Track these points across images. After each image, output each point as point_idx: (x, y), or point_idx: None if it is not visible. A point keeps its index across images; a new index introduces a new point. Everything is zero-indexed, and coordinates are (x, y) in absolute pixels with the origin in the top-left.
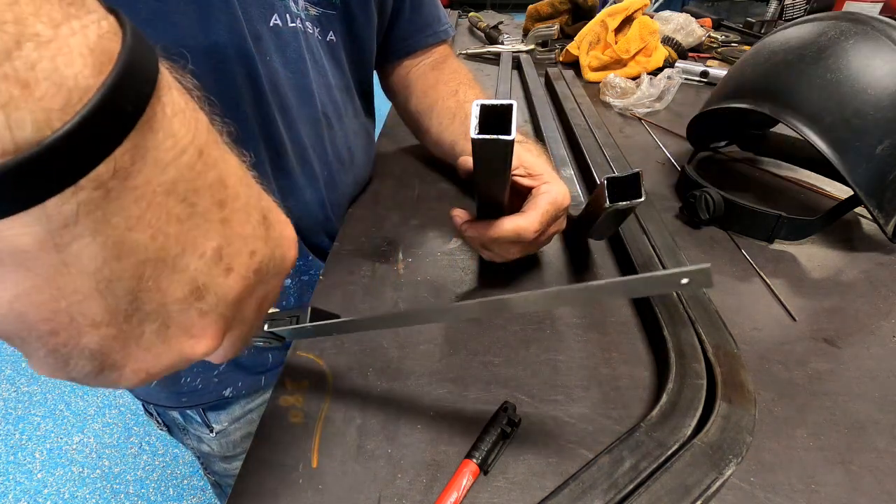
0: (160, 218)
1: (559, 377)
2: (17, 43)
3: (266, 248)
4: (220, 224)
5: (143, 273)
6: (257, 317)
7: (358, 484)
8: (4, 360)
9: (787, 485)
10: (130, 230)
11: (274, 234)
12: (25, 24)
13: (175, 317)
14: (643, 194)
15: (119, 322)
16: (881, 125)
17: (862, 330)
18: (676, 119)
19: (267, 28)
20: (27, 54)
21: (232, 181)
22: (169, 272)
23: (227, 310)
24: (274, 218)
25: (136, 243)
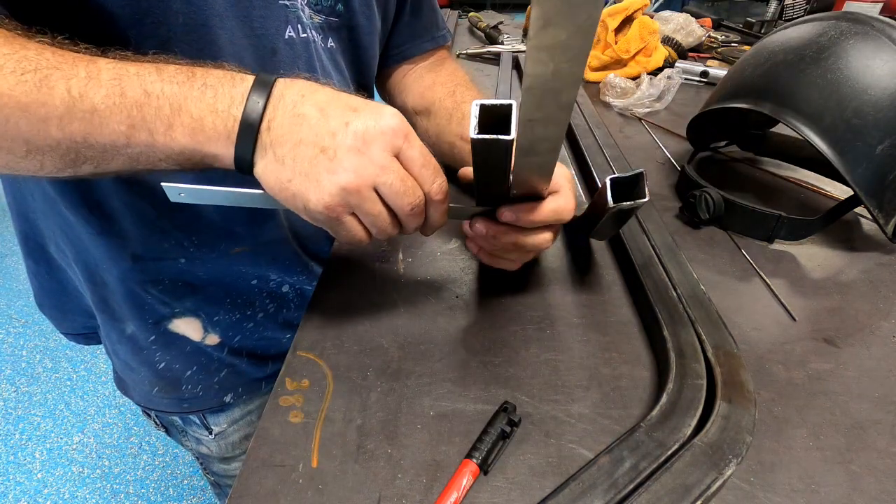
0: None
1: (559, 377)
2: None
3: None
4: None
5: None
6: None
7: (358, 484)
8: (4, 360)
9: (787, 485)
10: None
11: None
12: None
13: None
14: (647, 194)
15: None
16: (881, 125)
17: (862, 330)
18: (676, 119)
19: (283, 41)
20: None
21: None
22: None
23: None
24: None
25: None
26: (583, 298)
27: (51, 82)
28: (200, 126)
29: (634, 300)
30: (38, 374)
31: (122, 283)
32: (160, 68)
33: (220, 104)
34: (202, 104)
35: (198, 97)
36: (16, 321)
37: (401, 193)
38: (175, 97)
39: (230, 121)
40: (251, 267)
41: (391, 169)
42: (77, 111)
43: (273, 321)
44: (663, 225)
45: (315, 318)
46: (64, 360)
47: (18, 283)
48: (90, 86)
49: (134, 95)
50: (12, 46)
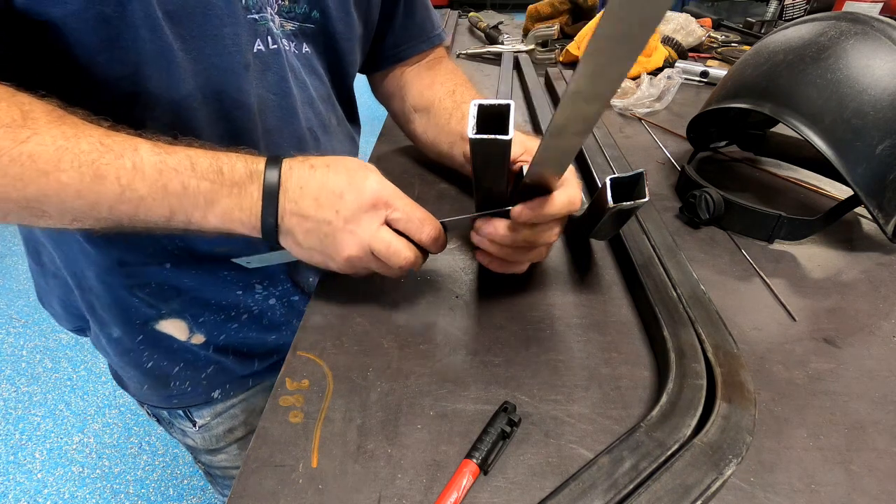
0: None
1: (559, 377)
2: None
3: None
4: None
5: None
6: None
7: (358, 484)
8: (4, 360)
9: (787, 485)
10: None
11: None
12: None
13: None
14: (647, 195)
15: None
16: (881, 125)
17: (862, 330)
18: (676, 119)
19: (252, 55)
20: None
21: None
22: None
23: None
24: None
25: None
26: (583, 298)
27: (102, 172)
28: (230, 218)
29: (634, 300)
30: (38, 374)
31: (107, 289)
32: (194, 163)
33: (244, 202)
34: (231, 201)
35: (227, 194)
36: (16, 321)
37: (388, 257)
38: (208, 193)
39: (253, 217)
40: (236, 276)
41: (378, 238)
42: (125, 199)
43: (257, 323)
44: (663, 225)
45: (315, 318)
46: (64, 360)
47: (18, 283)
48: (136, 177)
49: (174, 189)
50: (67, 138)
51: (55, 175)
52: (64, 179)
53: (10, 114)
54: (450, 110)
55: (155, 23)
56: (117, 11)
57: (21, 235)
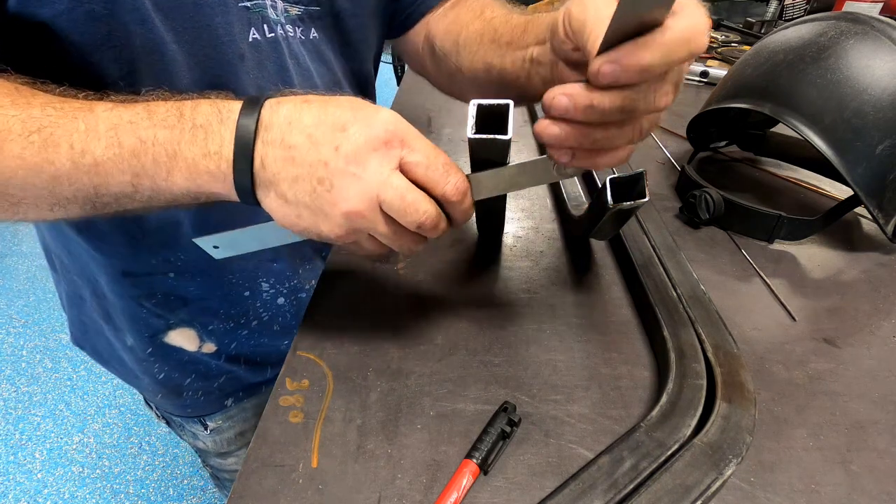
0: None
1: (559, 377)
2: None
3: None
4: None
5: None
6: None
7: (358, 484)
8: (4, 360)
9: (787, 485)
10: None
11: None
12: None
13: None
14: (647, 195)
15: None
16: (881, 125)
17: (862, 330)
18: (676, 119)
19: (247, 45)
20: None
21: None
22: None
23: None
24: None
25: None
26: (583, 298)
27: (55, 139)
28: (196, 170)
29: (634, 300)
30: (38, 374)
31: (118, 296)
32: (151, 111)
33: (211, 145)
34: (195, 147)
35: (189, 140)
36: (16, 321)
37: (403, 211)
38: (168, 142)
39: (223, 163)
40: (241, 276)
41: (389, 185)
42: (82, 166)
43: (268, 329)
44: (663, 225)
45: (315, 318)
46: (64, 360)
47: (18, 283)
48: (90, 139)
49: (130, 144)
50: (18, 106)
51: (6, 148)
52: (15, 151)
53: None
54: (480, 32)
55: (145, 16)
56: (107, 8)
57: (42, 243)
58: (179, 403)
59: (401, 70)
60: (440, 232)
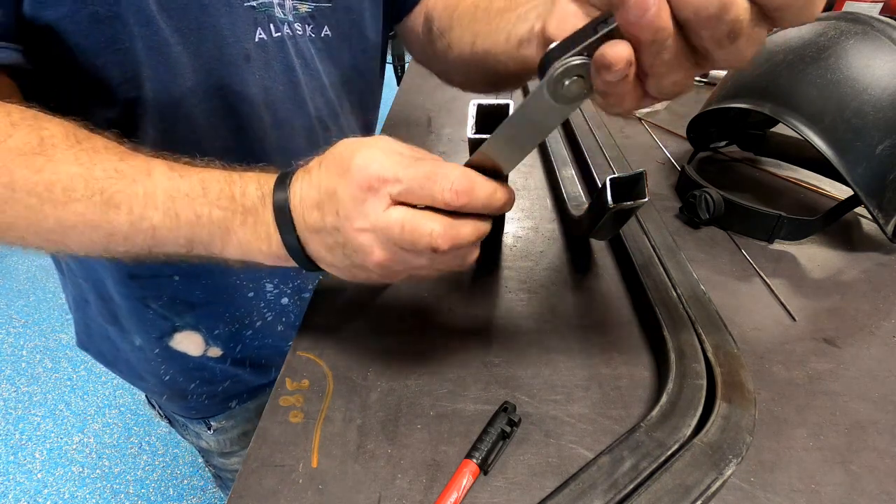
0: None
1: (559, 377)
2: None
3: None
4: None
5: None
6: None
7: (358, 484)
8: (4, 360)
9: (787, 485)
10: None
11: None
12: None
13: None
14: (647, 195)
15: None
16: (881, 125)
17: (862, 330)
18: (676, 119)
19: (253, 45)
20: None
21: None
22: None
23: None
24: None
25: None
26: (583, 298)
27: (115, 202)
28: (250, 249)
29: (634, 300)
30: (38, 374)
31: (125, 298)
32: (206, 187)
33: (260, 230)
34: (247, 230)
35: (241, 223)
36: (16, 321)
37: (410, 241)
38: (222, 221)
39: (275, 246)
40: (245, 277)
41: (388, 222)
42: (139, 230)
43: (272, 329)
44: (663, 225)
45: (315, 318)
46: (64, 360)
47: (18, 283)
48: (148, 206)
49: (187, 217)
50: (81, 163)
51: (70, 206)
52: (78, 209)
53: (29, 140)
54: (475, 2)
55: (149, 17)
56: (111, 10)
57: (65, 281)
58: (184, 405)
59: (401, 70)
60: (471, 236)
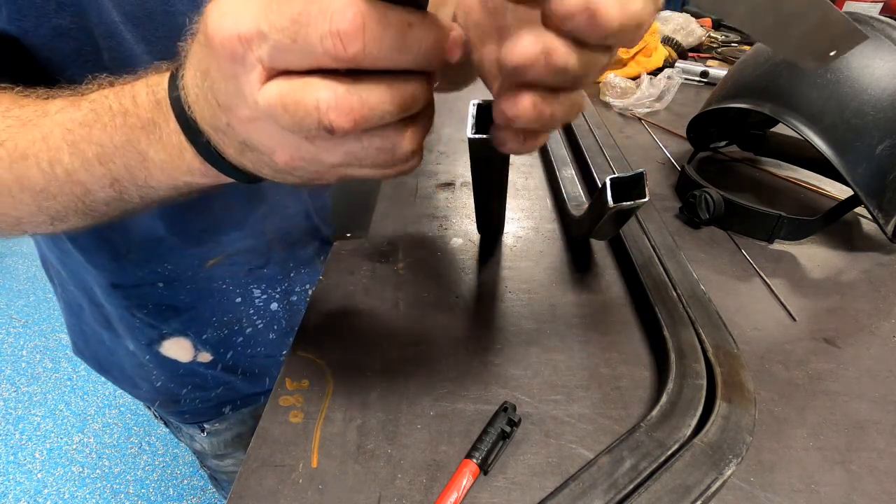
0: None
1: (559, 377)
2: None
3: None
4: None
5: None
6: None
7: (358, 484)
8: (4, 360)
9: (787, 485)
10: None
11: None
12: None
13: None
14: (647, 195)
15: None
16: (881, 125)
17: (862, 330)
18: (676, 119)
19: None
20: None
21: None
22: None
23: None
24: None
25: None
26: (583, 298)
27: (21, 152)
28: (174, 174)
29: (634, 300)
30: (38, 374)
31: (113, 306)
32: (96, 109)
33: (170, 147)
34: (159, 150)
35: (147, 142)
36: (16, 321)
37: (296, 121)
38: (129, 146)
39: (198, 163)
40: (231, 281)
41: (265, 104)
42: (56, 179)
43: (264, 337)
44: (663, 225)
45: (315, 318)
46: (64, 360)
47: (18, 283)
48: (52, 149)
49: (94, 151)
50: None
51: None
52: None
53: None
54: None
55: (113, 29)
56: (74, 23)
57: (40, 256)
58: (176, 410)
59: None
60: (382, 103)
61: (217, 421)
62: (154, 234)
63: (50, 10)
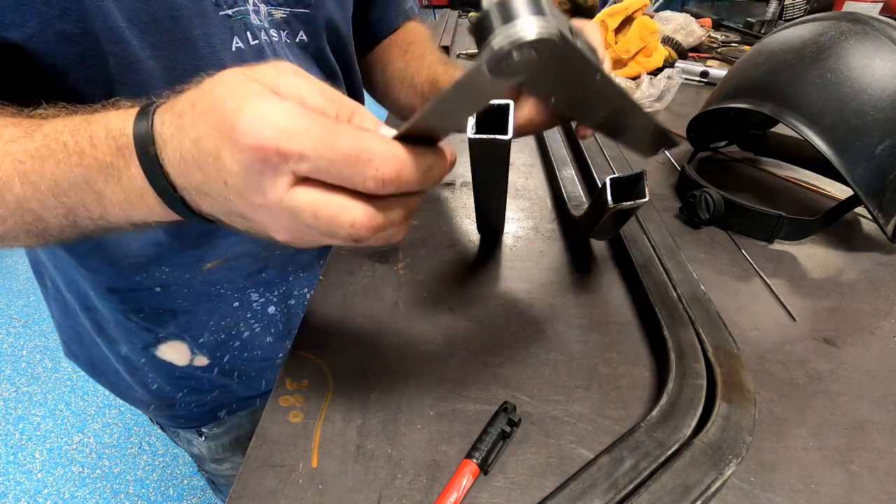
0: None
1: (559, 377)
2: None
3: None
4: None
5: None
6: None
7: (358, 484)
8: (4, 360)
9: (787, 485)
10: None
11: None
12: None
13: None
14: (647, 194)
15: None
16: (881, 125)
17: (862, 330)
18: (676, 119)
19: (230, 55)
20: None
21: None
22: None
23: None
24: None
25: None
26: (583, 298)
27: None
28: (133, 215)
29: (634, 300)
30: (38, 374)
31: (108, 310)
32: (50, 144)
33: (130, 190)
34: (115, 191)
35: (104, 181)
36: (16, 321)
37: (327, 231)
38: (85, 185)
39: (160, 209)
40: (229, 286)
41: (294, 208)
42: (5, 206)
43: (261, 340)
44: (663, 225)
45: (315, 318)
46: (64, 360)
47: (18, 283)
48: (2, 180)
49: (47, 184)
50: None
51: None
52: None
53: None
54: (402, 71)
55: (118, 34)
56: (78, 27)
57: (30, 258)
58: (172, 415)
59: None
60: (399, 218)
61: (214, 425)
62: (152, 238)
63: (54, 15)
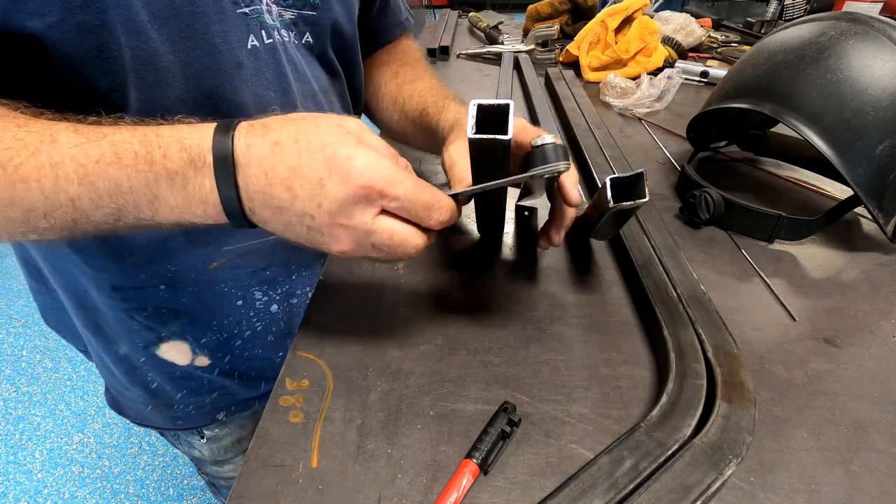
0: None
1: (559, 377)
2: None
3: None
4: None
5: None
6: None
7: (358, 484)
8: (4, 360)
9: (787, 485)
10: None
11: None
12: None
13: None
14: (647, 195)
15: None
16: (881, 125)
17: (862, 330)
18: (676, 119)
19: (246, 52)
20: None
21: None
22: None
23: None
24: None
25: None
26: (583, 298)
27: (22, 175)
28: (185, 213)
29: (634, 300)
30: (38, 374)
31: (110, 309)
32: (118, 153)
33: (193, 195)
34: (177, 194)
35: (167, 187)
36: (16, 321)
37: (392, 250)
38: (146, 189)
39: (215, 212)
40: (234, 284)
41: (376, 230)
42: (57, 203)
43: (262, 339)
44: (663, 225)
45: (315, 318)
46: (64, 360)
47: (18, 283)
48: (59, 178)
49: (106, 186)
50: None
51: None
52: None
53: None
54: (393, 94)
55: (139, 27)
56: (99, 19)
57: (20, 256)
58: (169, 415)
59: None
60: (432, 242)
61: (216, 426)
62: (160, 234)
63: (76, 6)
